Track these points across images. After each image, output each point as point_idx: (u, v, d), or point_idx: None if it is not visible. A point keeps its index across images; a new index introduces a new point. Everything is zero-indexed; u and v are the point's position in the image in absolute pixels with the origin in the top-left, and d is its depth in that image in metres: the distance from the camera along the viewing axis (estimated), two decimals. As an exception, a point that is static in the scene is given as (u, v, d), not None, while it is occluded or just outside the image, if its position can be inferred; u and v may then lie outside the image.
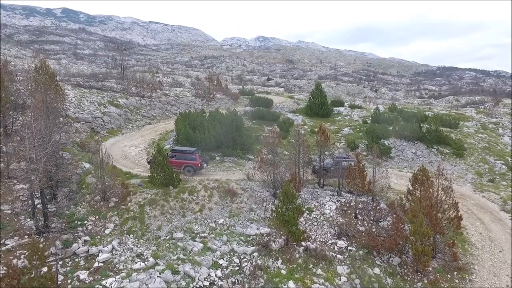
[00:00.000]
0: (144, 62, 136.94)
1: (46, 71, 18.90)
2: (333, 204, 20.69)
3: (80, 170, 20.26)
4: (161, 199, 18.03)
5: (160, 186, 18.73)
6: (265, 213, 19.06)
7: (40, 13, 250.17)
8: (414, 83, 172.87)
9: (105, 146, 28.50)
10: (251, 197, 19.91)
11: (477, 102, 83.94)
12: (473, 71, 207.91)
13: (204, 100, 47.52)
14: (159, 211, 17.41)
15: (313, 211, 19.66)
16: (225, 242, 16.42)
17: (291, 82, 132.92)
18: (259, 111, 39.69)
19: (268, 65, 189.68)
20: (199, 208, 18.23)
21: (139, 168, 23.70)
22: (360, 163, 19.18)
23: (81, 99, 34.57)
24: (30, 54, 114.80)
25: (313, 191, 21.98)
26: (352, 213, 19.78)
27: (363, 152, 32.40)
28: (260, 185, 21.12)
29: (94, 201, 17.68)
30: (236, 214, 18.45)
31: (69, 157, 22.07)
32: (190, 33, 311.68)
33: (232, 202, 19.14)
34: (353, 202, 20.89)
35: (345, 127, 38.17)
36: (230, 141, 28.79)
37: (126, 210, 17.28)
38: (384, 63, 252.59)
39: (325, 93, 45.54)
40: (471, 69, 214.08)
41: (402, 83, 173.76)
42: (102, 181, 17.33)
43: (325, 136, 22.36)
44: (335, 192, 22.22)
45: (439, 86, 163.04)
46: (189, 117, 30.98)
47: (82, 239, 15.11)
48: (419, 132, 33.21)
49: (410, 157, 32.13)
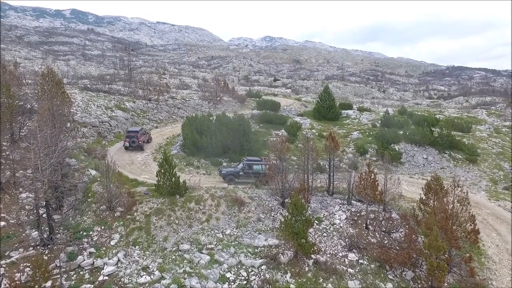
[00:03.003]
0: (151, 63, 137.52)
1: (52, 78, 18.70)
2: (343, 214, 20.15)
3: (86, 178, 20.05)
4: (167, 208, 17.71)
5: (166, 195, 18.41)
6: (273, 223, 18.60)
7: (49, 14, 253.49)
8: (423, 83, 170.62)
9: (112, 151, 28.43)
10: (259, 206, 19.47)
11: (488, 103, 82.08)
12: (483, 70, 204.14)
13: (211, 103, 47.24)
14: (166, 221, 17.08)
15: (323, 221, 19.14)
16: (233, 254, 16.01)
17: (298, 83, 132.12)
18: (266, 115, 39.23)
19: (274, 65, 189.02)
20: (206, 218, 17.87)
21: (145, 175, 23.45)
22: (372, 172, 18.58)
23: (88, 103, 34.53)
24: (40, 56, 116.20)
25: (322, 200, 21.45)
26: (363, 223, 19.21)
27: (373, 157, 31.80)
28: (268, 193, 20.69)
29: (100, 211, 17.42)
30: (243, 224, 18.03)
31: (75, 163, 21.94)
32: (197, 33, 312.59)
33: (240, 211, 18.73)
34: (363, 212, 20.32)
35: (354, 131, 37.48)
36: (237, 146, 28.40)
37: (132, 220, 16.99)
38: (392, 62, 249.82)
39: (333, 96, 44.89)
40: (481, 69, 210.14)
41: (410, 83, 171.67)
42: (108, 190, 17.07)
43: (334, 143, 21.81)
44: (344, 201, 21.67)
45: (448, 86, 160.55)
46: (196, 121, 30.67)
47: (87, 251, 14.83)
48: (430, 137, 32.41)
49: (421, 163, 31.34)
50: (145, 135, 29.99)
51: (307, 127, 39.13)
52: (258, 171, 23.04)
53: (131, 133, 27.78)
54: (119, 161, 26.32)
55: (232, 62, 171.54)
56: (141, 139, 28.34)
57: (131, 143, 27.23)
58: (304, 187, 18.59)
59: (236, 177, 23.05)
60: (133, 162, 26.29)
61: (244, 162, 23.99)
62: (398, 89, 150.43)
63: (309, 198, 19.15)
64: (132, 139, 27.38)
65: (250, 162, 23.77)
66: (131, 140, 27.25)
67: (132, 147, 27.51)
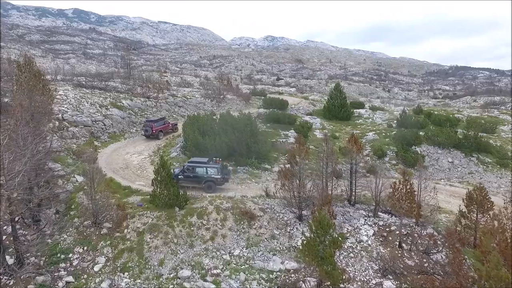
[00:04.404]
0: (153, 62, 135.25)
1: (30, 69, 15.86)
2: (369, 229, 17.25)
3: (71, 186, 17.20)
4: (164, 224, 14.84)
5: (163, 207, 15.56)
6: (289, 240, 15.73)
7: (52, 14, 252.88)
8: (427, 83, 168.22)
9: (105, 153, 25.65)
10: (272, 220, 16.59)
11: (497, 102, 79.48)
12: (487, 70, 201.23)
13: (214, 101, 44.38)
14: (162, 240, 14.21)
15: (348, 238, 16.24)
16: (243, 282, 13.14)
17: (302, 82, 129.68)
18: (274, 114, 36.33)
19: (277, 64, 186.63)
20: (211, 235, 14.99)
21: (140, 181, 20.61)
22: (408, 181, 15.63)
23: (81, 100, 31.72)
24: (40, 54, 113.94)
25: (344, 211, 18.56)
26: (395, 241, 16.30)
27: (392, 160, 28.90)
28: (282, 204, 17.82)
29: (84, 227, 14.58)
30: (255, 243, 15.15)
31: (60, 168, 19.11)
32: (199, 32, 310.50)
33: (250, 227, 15.85)
34: (393, 226, 17.43)
35: (369, 132, 34.56)
36: (244, 148, 25.54)
37: (122, 238, 14.13)
38: (395, 62, 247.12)
39: (344, 94, 41.92)
40: (484, 69, 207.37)
41: (414, 83, 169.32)
42: (94, 202, 14.23)
43: (358, 146, 18.93)
44: (369, 212, 18.77)
45: (453, 86, 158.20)
46: (199, 121, 27.80)
47: (63, 280, 11.99)
48: (455, 138, 29.44)
49: (447, 167, 28.37)
50: (165, 125, 31.67)
51: (318, 127, 36.25)
52: (202, 176, 19.16)
53: (148, 123, 30.62)
54: (112, 164, 23.56)
55: (234, 61, 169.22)
56: (158, 128, 30.34)
57: (145, 132, 30.03)
58: (328, 199, 15.59)
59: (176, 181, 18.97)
60: (127, 166, 23.46)
61: (186, 164, 20.36)
62: (403, 88, 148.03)
63: (334, 212, 16.12)
64: (146, 128, 30.09)
65: (192, 165, 19.84)
66: (145, 129, 30.12)
67: (146, 136, 29.95)
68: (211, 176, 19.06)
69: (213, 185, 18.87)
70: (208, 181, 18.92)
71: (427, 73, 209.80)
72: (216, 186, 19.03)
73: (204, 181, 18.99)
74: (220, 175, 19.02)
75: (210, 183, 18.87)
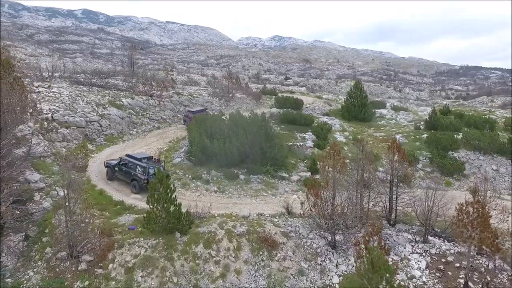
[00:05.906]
0: (160, 61, 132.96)
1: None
2: (421, 259, 13.66)
3: (47, 203, 13.89)
4: (161, 256, 11.43)
5: (161, 232, 12.17)
6: (322, 277, 12.21)
7: (61, 14, 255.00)
8: (438, 82, 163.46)
9: (99, 159, 22.37)
10: (298, 248, 13.09)
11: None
12: (499, 70, 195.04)
13: (222, 100, 41.01)
14: (158, 280, 10.81)
15: (397, 274, 12.64)
16: None
17: (311, 82, 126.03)
18: (288, 114, 32.77)
19: (284, 64, 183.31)
20: (221, 271, 11.54)
21: (136, 194, 17.30)
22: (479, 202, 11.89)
23: (76, 98, 28.59)
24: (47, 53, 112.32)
25: (384, 234, 14.96)
26: (457, 277, 12.69)
27: (426, 167, 25.20)
28: (308, 225, 14.32)
29: (57, 260, 11.24)
30: (278, 282, 11.66)
31: (39, 178, 15.86)
32: (206, 32, 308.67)
33: (271, 258, 12.37)
34: (450, 256, 13.82)
35: (395, 135, 30.80)
36: (258, 153, 22.13)
37: (105, 277, 10.75)
38: (404, 62, 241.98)
39: (366, 93, 38.23)
40: (496, 68, 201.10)
41: (424, 82, 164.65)
42: (69, 228, 10.90)
43: (402, 155, 15.38)
44: (416, 236, 15.19)
45: (465, 86, 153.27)
46: (206, 122, 24.45)
47: None
48: (500, 143, 25.63)
49: (491, 176, 24.56)
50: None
51: (338, 129, 32.63)
52: (130, 173, 17.91)
53: (189, 113, 31.78)
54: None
55: (242, 61, 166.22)
56: None
57: (184, 122, 31.30)
58: (378, 229, 11.85)
59: (112, 172, 19.00)
60: (123, 174, 20.13)
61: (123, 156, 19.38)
62: (413, 88, 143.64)
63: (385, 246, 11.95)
64: (185, 118, 31.83)
65: (127, 158, 18.67)
66: (184, 119, 31.92)
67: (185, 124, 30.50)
68: (137, 175, 17.40)
69: (137, 185, 17.48)
70: (133, 180, 17.74)
71: (437, 73, 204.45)
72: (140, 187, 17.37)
73: (131, 179, 17.88)
74: (145, 176, 16.98)
75: (134, 182, 17.67)
